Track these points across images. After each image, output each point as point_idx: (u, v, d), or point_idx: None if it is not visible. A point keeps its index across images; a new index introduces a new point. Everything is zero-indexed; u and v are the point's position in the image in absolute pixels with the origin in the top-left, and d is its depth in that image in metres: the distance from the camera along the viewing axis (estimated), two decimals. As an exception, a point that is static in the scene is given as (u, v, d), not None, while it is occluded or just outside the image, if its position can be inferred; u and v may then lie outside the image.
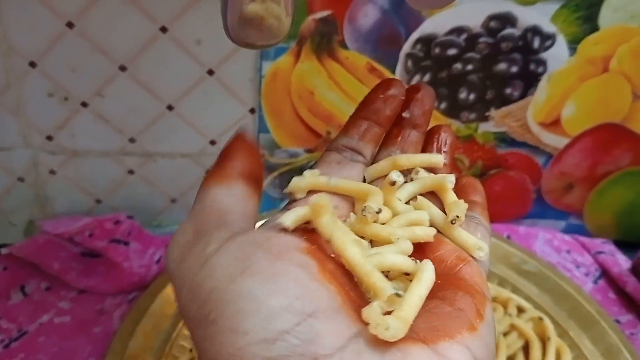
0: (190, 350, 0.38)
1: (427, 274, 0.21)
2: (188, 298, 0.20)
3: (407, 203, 0.26)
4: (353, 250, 0.20)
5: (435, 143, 0.29)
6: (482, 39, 0.44)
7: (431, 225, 0.25)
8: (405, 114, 0.29)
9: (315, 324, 0.18)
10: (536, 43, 0.45)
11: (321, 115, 0.46)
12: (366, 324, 0.18)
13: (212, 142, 0.47)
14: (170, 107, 0.44)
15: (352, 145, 0.28)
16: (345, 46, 0.43)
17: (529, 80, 0.47)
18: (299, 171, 0.48)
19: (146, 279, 0.43)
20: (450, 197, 0.26)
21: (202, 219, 0.22)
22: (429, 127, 0.30)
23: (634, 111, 0.49)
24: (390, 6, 0.42)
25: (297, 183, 0.25)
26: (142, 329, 0.39)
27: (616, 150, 0.51)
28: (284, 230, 0.22)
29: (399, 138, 0.29)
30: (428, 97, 0.29)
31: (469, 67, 0.45)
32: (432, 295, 0.21)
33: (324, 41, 0.43)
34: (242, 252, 0.20)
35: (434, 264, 0.22)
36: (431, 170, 0.28)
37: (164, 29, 0.41)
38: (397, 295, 0.19)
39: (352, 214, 0.24)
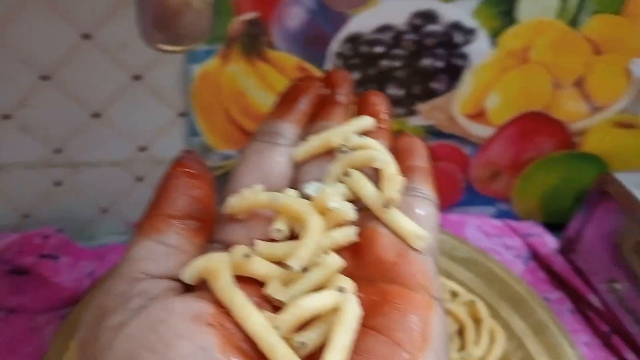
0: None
1: (347, 320, 0.18)
2: None
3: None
4: (254, 322, 0.18)
5: (367, 108, 0.27)
6: (407, 36, 0.45)
7: (366, 211, 0.22)
8: (326, 92, 0.27)
9: None
10: (459, 38, 0.47)
11: (254, 116, 0.46)
12: None
13: (142, 149, 0.46)
14: (96, 115, 0.43)
15: (270, 129, 0.25)
16: (274, 47, 0.43)
17: (454, 74, 0.48)
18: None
19: (78, 293, 0.42)
20: (386, 171, 0.23)
21: (109, 291, 0.19)
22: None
23: (555, 99, 0.51)
24: (317, 6, 0.43)
25: (236, 205, 0.22)
26: (75, 345, 0.38)
27: (539, 137, 0.53)
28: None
29: (327, 115, 0.26)
30: (345, 76, 0.28)
31: (396, 63, 0.47)
32: (368, 324, 0.19)
33: (253, 43, 0.43)
34: (130, 348, 0.17)
35: (371, 267, 0.21)
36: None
37: (87, 36, 0.40)
38: None
39: (258, 242, 0.21)
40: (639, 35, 0.49)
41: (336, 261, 0.21)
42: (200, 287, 0.20)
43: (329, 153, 0.25)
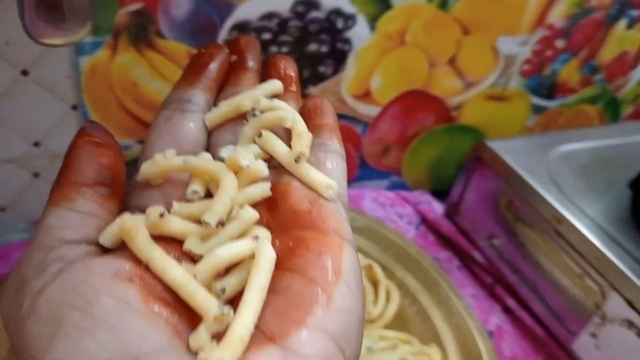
0: None
1: (262, 262, 0.19)
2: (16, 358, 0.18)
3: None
4: (173, 272, 0.19)
5: (275, 72, 0.27)
6: (292, 23, 0.48)
7: (279, 167, 0.24)
8: (233, 58, 0.27)
9: None
10: (340, 24, 0.50)
11: (148, 105, 0.47)
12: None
13: (36, 144, 0.46)
14: (-15, 112, 0.43)
15: (179, 96, 0.25)
16: (163, 36, 0.45)
17: (339, 58, 0.51)
18: (134, 163, 0.49)
19: (-19, 291, 0.41)
20: (295, 129, 0.24)
21: (26, 261, 0.19)
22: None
23: (431, 78, 0.55)
24: (202, -4, 0.44)
25: (149, 169, 0.22)
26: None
27: (421, 113, 0.58)
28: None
29: (236, 80, 0.27)
30: (251, 42, 0.28)
31: (284, 49, 0.49)
32: (284, 267, 0.20)
33: (140, 33, 0.44)
34: (52, 309, 0.17)
35: (286, 217, 0.22)
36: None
37: (-32, 34, 0.39)
38: (223, 313, 0.18)
39: (175, 203, 0.22)
40: (503, 16, 0.54)
41: (251, 214, 0.21)
42: (117, 250, 0.20)
43: (241, 117, 0.25)
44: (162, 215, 0.20)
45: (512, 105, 0.60)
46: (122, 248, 0.20)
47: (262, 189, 0.23)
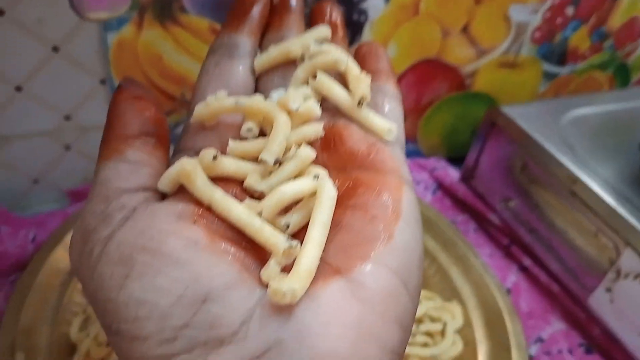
0: (84, 311, 0.40)
1: (325, 199, 0.20)
2: (91, 306, 0.19)
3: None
4: (237, 211, 0.19)
5: (321, 17, 0.27)
6: (309, -5, 0.49)
7: (333, 109, 0.23)
8: (276, 0, 0.27)
9: (212, 308, 0.17)
10: (356, -5, 0.51)
11: (173, 78, 0.49)
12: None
13: (67, 117, 0.47)
14: (19, 88, 0.44)
15: (226, 41, 0.25)
16: (186, 11, 0.46)
17: (355, 29, 0.52)
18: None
19: (24, 258, 0.43)
20: (351, 72, 0.24)
21: (88, 212, 0.20)
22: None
23: (445, 47, 0.57)
24: (223, -30, 0.46)
25: (202, 111, 0.22)
26: (30, 302, 0.39)
27: (434, 82, 0.59)
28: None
29: (281, 24, 0.26)
30: None
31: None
32: (344, 205, 0.21)
33: (165, 9, 0.45)
34: (123, 252, 0.18)
35: (344, 158, 0.22)
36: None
37: (1, 12, 0.41)
38: (291, 247, 0.18)
39: (231, 141, 0.22)
40: (513, -15, 0.55)
41: (308, 152, 0.22)
42: (176, 194, 0.21)
43: (290, 63, 0.25)
44: (215, 157, 0.21)
45: (524, 72, 0.62)
46: (180, 192, 0.21)
47: (316, 129, 0.23)
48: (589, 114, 0.56)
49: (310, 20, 0.28)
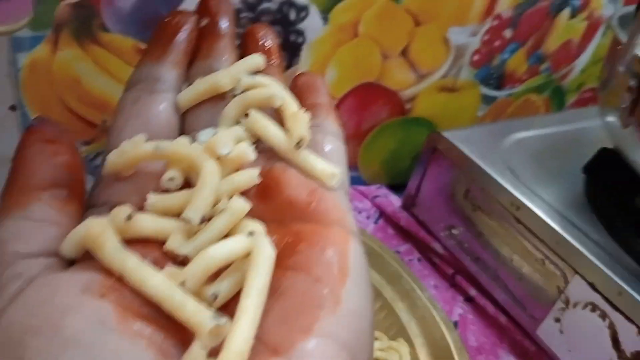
0: None
1: (261, 262, 0.17)
2: None
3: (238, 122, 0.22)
4: (154, 283, 0.16)
5: (254, 44, 0.25)
6: (243, 14, 0.47)
7: (268, 151, 0.21)
8: (204, 22, 0.24)
9: None
10: (293, 15, 0.48)
11: (93, 103, 0.44)
12: None
13: (-29, 148, 0.42)
14: None
15: (146, 74, 0.22)
16: (107, 30, 0.42)
17: (292, 51, 0.50)
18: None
19: None
20: (288, 110, 0.21)
21: None
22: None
23: (385, 70, 0.55)
24: (148, -14, 0.42)
25: (115, 160, 0.19)
26: None
27: (374, 106, 0.57)
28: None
29: (210, 51, 0.24)
30: (223, 2, 0.25)
31: (236, 41, 0.47)
32: (284, 265, 0.18)
33: (83, 26, 0.41)
34: (12, 335, 0.15)
35: (282, 209, 0.19)
36: None
37: None
38: (219, 325, 0.16)
39: (150, 195, 0.19)
40: (453, 6, 0.54)
41: (242, 205, 0.19)
42: (84, 260, 0.18)
43: (219, 98, 0.23)
44: (130, 217, 0.18)
45: (463, 96, 0.61)
46: (89, 257, 0.18)
47: (250, 176, 0.20)
48: (528, 137, 0.56)
49: (242, 46, 0.25)
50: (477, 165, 0.49)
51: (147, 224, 0.18)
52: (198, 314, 0.16)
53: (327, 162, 0.21)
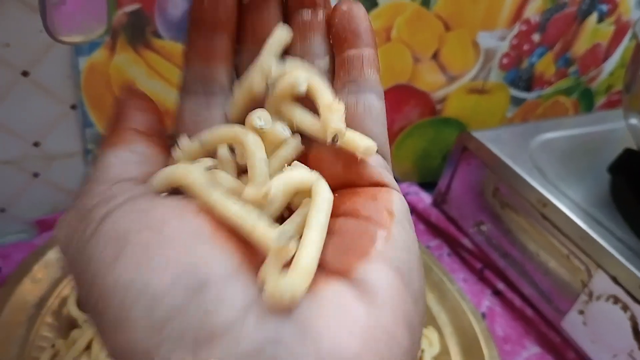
0: (53, 346, 0.39)
1: (321, 202, 0.19)
2: (77, 287, 0.18)
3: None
4: (234, 210, 0.18)
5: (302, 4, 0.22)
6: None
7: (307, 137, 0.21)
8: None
9: (207, 298, 0.16)
10: (329, 21, 0.51)
11: (145, 104, 0.48)
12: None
13: (36, 144, 0.46)
14: (-16, 114, 0.43)
15: (197, 75, 0.22)
16: (159, 36, 0.46)
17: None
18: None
19: (-12, 291, 0.41)
20: (321, 101, 0.21)
21: (87, 192, 0.19)
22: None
23: (416, 73, 0.57)
24: (197, -4, 0.45)
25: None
26: (-5, 339, 0.38)
27: (406, 107, 0.59)
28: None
29: (257, 27, 0.22)
30: None
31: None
32: (334, 214, 0.19)
33: (138, 33, 0.45)
34: (118, 230, 0.17)
35: (327, 182, 0.20)
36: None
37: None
38: (289, 243, 0.17)
39: (221, 151, 0.21)
40: (482, 11, 0.56)
41: (296, 143, 0.21)
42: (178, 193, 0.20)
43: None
44: (209, 168, 0.20)
45: (492, 98, 0.63)
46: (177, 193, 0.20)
47: (294, 145, 0.21)
48: (556, 138, 0.57)
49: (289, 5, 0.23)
50: (506, 164, 0.51)
51: (223, 176, 0.20)
52: (268, 236, 0.17)
53: (364, 138, 0.21)
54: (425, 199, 0.59)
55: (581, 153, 0.56)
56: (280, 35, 0.22)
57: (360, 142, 0.20)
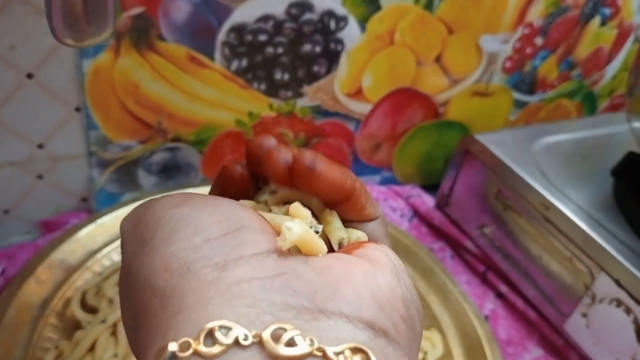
0: (57, 347, 0.39)
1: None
2: (130, 231, 0.21)
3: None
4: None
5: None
6: (287, 25, 0.50)
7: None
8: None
9: (243, 234, 0.20)
10: (333, 25, 0.51)
11: (149, 106, 0.48)
12: None
13: (40, 146, 0.46)
14: (-10, 116, 0.43)
15: None
16: (163, 39, 0.46)
17: (331, 58, 0.53)
18: (135, 163, 0.50)
19: (-7, 292, 0.42)
20: (329, 220, 0.24)
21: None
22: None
23: (419, 75, 0.57)
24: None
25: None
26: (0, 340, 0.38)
27: (409, 110, 0.60)
28: None
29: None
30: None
31: (280, 50, 0.51)
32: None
33: (142, 36, 0.45)
34: (181, 195, 0.22)
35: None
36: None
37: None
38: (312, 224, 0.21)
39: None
40: (485, 15, 0.56)
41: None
42: None
43: None
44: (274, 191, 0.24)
45: (495, 101, 0.63)
46: None
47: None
48: (559, 141, 0.57)
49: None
50: (509, 166, 0.51)
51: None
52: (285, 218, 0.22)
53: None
54: (428, 201, 0.60)
55: (584, 156, 0.56)
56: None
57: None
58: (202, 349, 0.16)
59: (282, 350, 0.17)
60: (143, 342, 0.19)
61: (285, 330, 0.17)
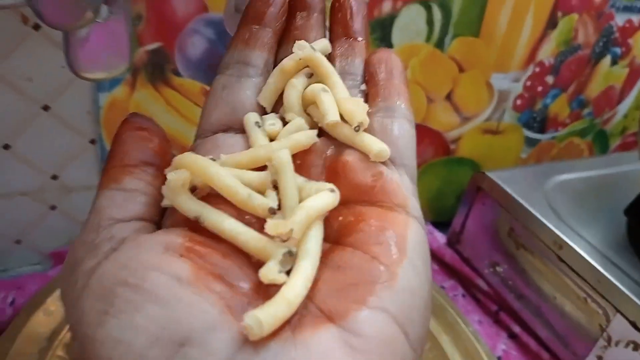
0: (62, 380, 0.38)
1: (313, 232, 0.19)
2: (73, 337, 0.19)
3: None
4: (228, 223, 0.19)
5: (341, 16, 0.24)
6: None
7: (332, 140, 0.22)
8: None
9: (190, 352, 0.16)
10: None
11: (163, 140, 0.49)
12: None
13: (54, 177, 0.47)
14: (6, 147, 0.44)
15: (236, 58, 0.23)
16: (178, 74, 0.47)
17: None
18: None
19: (1, 322, 0.41)
20: (338, 95, 0.22)
21: (79, 242, 0.20)
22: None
23: (430, 112, 0.58)
24: (216, 36, 0.46)
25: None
26: (6, 371, 0.38)
27: (420, 146, 0.60)
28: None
29: (299, 29, 0.24)
30: None
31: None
32: (343, 242, 0.19)
33: (157, 71, 0.46)
34: (104, 286, 0.18)
35: (348, 191, 0.21)
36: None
37: (-9, 71, 0.41)
38: (291, 253, 0.18)
39: (221, 155, 0.21)
40: (495, 54, 0.57)
41: (308, 135, 0.21)
42: (170, 224, 0.21)
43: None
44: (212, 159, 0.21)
45: (506, 138, 0.63)
46: (173, 223, 0.20)
47: (308, 135, 0.22)
48: (571, 179, 0.57)
49: (330, 15, 0.25)
50: (521, 204, 0.51)
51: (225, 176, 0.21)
52: (269, 245, 0.19)
53: (377, 140, 0.22)
54: (439, 238, 0.59)
55: (596, 195, 0.55)
56: (323, 44, 0.24)
57: (374, 145, 0.21)
58: None
59: None
60: None
61: None
